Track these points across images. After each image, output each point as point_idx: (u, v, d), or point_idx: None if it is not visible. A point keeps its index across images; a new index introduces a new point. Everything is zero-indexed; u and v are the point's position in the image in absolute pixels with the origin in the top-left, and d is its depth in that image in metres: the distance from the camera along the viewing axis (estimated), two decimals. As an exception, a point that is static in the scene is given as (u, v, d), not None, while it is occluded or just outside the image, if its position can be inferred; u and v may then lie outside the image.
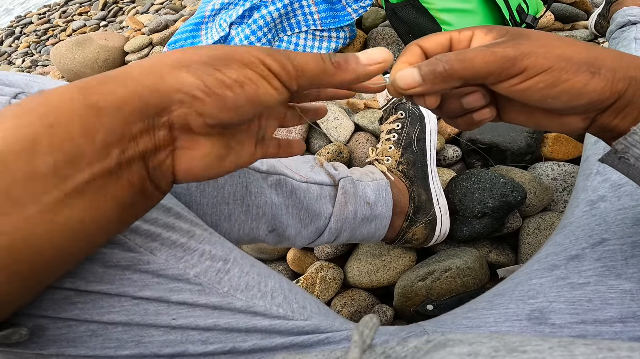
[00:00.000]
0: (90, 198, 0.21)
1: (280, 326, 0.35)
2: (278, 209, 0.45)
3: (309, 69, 0.25)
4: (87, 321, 0.27)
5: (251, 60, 0.24)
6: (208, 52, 0.24)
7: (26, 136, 0.19)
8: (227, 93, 0.23)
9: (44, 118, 0.20)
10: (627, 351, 0.17)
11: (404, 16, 0.83)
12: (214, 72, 0.23)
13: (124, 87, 0.22)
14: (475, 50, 0.26)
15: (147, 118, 0.22)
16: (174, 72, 0.23)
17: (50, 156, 0.19)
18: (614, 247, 0.36)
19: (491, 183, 0.58)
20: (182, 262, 0.31)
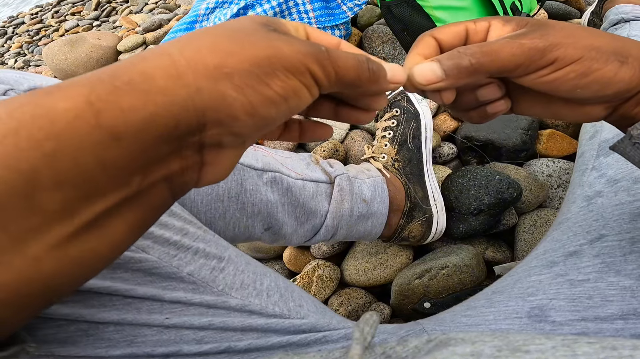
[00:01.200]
0: (104, 229, 0.18)
1: (276, 325, 0.34)
2: (274, 207, 0.45)
3: (349, 76, 0.22)
4: (77, 321, 0.27)
5: (298, 68, 0.20)
6: (251, 54, 0.19)
7: (22, 171, 0.15)
8: (271, 112, 0.20)
9: (43, 146, 0.16)
10: (630, 349, 0.16)
11: (399, 14, 0.83)
12: (259, 85, 0.19)
13: (147, 102, 0.17)
14: (501, 42, 0.25)
15: (176, 140, 0.19)
16: (213, 84, 0.19)
17: (55, 192, 0.16)
18: (613, 243, 0.36)
19: (487, 180, 0.58)
20: (175, 260, 0.31)
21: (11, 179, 0.15)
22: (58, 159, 0.16)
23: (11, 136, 0.15)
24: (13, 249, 0.16)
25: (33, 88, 0.32)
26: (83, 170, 0.16)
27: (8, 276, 0.16)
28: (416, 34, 0.85)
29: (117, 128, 0.17)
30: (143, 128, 0.17)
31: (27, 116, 0.16)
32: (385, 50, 0.91)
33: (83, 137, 0.16)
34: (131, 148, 0.17)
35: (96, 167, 0.17)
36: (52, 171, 0.16)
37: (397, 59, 0.91)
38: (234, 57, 0.19)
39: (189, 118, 0.18)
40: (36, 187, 0.16)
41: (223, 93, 0.19)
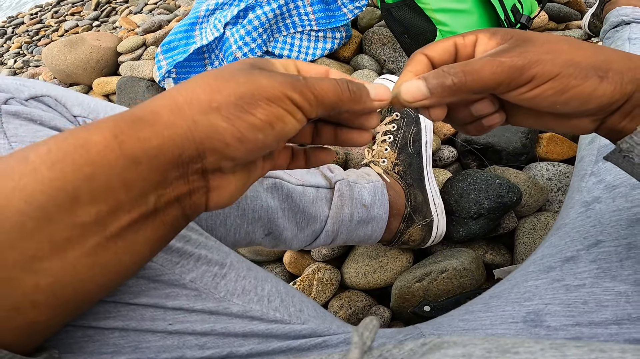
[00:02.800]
0: (128, 240, 0.22)
1: (277, 331, 0.35)
2: (274, 213, 0.45)
3: (328, 98, 0.25)
4: (83, 327, 0.27)
5: (277, 96, 0.23)
6: (235, 91, 0.23)
7: (67, 189, 0.20)
8: (258, 137, 0.23)
9: (82, 170, 0.20)
10: (619, 352, 0.17)
11: (399, 16, 0.83)
12: (244, 115, 0.23)
13: (157, 134, 0.22)
14: (482, 61, 0.26)
15: (182, 166, 0.23)
16: (205, 117, 0.22)
17: (91, 207, 0.20)
18: (609, 249, 0.36)
19: (487, 183, 0.58)
20: (178, 267, 0.31)
21: (60, 198, 0.19)
22: (93, 180, 0.20)
23: (59, 163, 0.20)
24: (54, 256, 0.20)
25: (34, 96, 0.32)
26: (111, 189, 0.21)
27: (47, 280, 0.20)
28: (416, 36, 0.85)
29: (136, 155, 0.21)
30: (155, 154, 0.22)
31: (71, 147, 0.20)
32: (385, 52, 0.92)
33: (111, 162, 0.21)
34: (147, 172, 0.22)
35: (121, 187, 0.21)
36: (89, 190, 0.20)
37: (397, 61, 0.91)
38: (221, 93, 0.23)
39: (189, 147, 0.23)
40: (77, 203, 0.20)
41: (214, 124, 0.23)
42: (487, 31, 0.29)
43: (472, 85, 0.26)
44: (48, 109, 0.32)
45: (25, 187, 0.19)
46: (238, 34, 0.87)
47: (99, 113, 0.36)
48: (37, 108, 0.31)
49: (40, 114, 0.31)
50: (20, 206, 0.19)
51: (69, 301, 0.22)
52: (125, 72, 1.10)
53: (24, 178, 0.19)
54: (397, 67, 0.91)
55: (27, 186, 0.19)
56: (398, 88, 0.28)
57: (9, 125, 0.29)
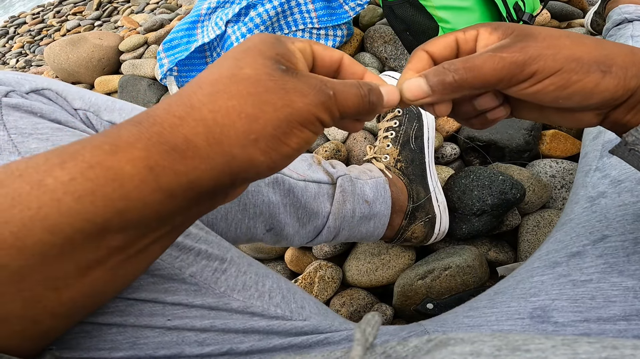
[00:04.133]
0: (148, 254, 0.23)
1: (278, 327, 0.34)
2: (275, 208, 0.45)
3: (350, 112, 0.25)
4: (81, 322, 0.27)
5: (310, 120, 0.23)
6: (272, 117, 0.22)
7: (97, 223, 0.19)
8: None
9: (115, 205, 0.19)
10: (631, 349, 0.16)
11: (401, 14, 0.83)
12: (280, 146, 0.22)
13: (195, 168, 0.21)
14: (483, 57, 0.26)
15: (214, 193, 0.23)
16: (244, 152, 0.22)
17: (121, 235, 0.20)
18: (616, 244, 0.35)
19: (490, 180, 0.58)
20: (177, 261, 0.31)
21: (87, 229, 0.19)
22: (127, 213, 0.20)
23: (88, 196, 0.19)
24: (79, 275, 0.20)
25: (35, 90, 0.32)
26: (145, 219, 0.21)
27: (69, 294, 0.20)
28: (418, 33, 0.84)
29: (173, 189, 0.21)
30: (191, 187, 0.21)
31: (101, 178, 0.19)
32: (387, 50, 0.91)
33: (147, 197, 0.20)
34: (181, 203, 0.22)
35: (154, 218, 0.21)
36: (121, 221, 0.20)
37: (399, 58, 0.91)
38: (258, 122, 0.22)
39: (224, 180, 0.22)
40: (106, 232, 0.20)
41: (252, 158, 0.22)
42: (488, 26, 0.29)
43: (472, 82, 0.26)
44: (49, 102, 0.32)
45: (47, 217, 0.18)
46: (240, 31, 0.86)
47: (99, 107, 0.35)
48: (37, 101, 0.31)
49: (40, 107, 0.30)
50: (42, 236, 0.18)
51: (86, 310, 0.22)
52: (127, 71, 1.10)
53: (44, 207, 0.18)
54: (399, 64, 0.90)
55: (50, 217, 0.18)
56: (400, 86, 0.28)
57: (9, 117, 0.29)
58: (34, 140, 0.29)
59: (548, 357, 0.16)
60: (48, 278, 0.19)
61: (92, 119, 0.35)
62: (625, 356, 0.16)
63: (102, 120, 0.35)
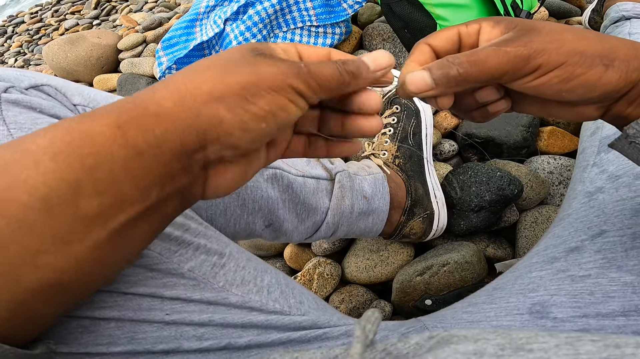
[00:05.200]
0: (131, 234, 0.22)
1: (276, 322, 0.34)
2: (274, 203, 0.45)
3: (329, 83, 0.25)
4: (78, 317, 0.27)
5: (280, 86, 0.23)
6: (238, 80, 0.23)
7: (69, 181, 0.19)
8: (262, 126, 0.23)
9: (85, 161, 0.20)
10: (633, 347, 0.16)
11: (399, 11, 0.83)
12: (247, 104, 0.23)
13: (160, 125, 0.22)
14: (487, 51, 0.26)
15: (184, 157, 0.23)
16: (208, 108, 0.22)
17: (94, 199, 0.20)
18: (614, 239, 0.35)
19: (488, 176, 0.58)
20: (176, 256, 0.31)
21: (62, 189, 0.19)
22: (97, 171, 0.20)
23: (62, 154, 0.20)
24: (58, 251, 0.19)
25: (34, 86, 0.32)
26: (115, 180, 0.20)
27: (51, 275, 0.19)
28: (417, 31, 0.84)
29: (139, 146, 0.21)
30: (158, 145, 0.21)
31: (74, 138, 0.20)
32: (385, 48, 0.91)
33: (115, 152, 0.20)
34: (150, 163, 0.21)
35: (125, 178, 0.21)
36: (92, 181, 0.20)
37: (397, 56, 0.91)
38: (224, 83, 0.23)
39: (192, 138, 0.22)
40: (80, 195, 0.19)
41: (218, 115, 0.22)
42: (490, 20, 0.29)
43: (477, 75, 0.26)
44: (48, 98, 0.32)
45: (27, 180, 0.19)
46: (238, 29, 0.86)
47: (98, 103, 0.35)
48: (37, 97, 0.31)
49: (40, 102, 0.31)
50: (23, 198, 0.18)
51: (73, 295, 0.22)
52: (126, 69, 1.10)
53: (25, 170, 0.19)
54: (397, 62, 0.91)
55: (30, 179, 0.19)
56: (403, 78, 0.28)
57: (9, 112, 0.29)
58: None
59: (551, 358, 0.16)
60: (28, 252, 0.19)
61: None
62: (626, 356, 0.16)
63: None
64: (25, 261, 0.19)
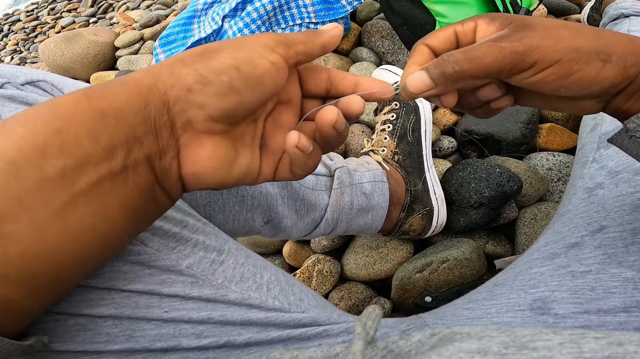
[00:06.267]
0: (98, 201, 0.21)
1: (276, 319, 0.34)
2: (273, 199, 0.45)
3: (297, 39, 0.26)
4: (75, 315, 0.26)
5: (244, 43, 0.24)
6: (204, 46, 0.24)
7: (36, 142, 0.20)
8: (222, 78, 0.23)
9: (52, 123, 0.20)
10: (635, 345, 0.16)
11: (398, 8, 0.82)
12: (206, 60, 0.23)
13: (125, 89, 0.23)
14: (483, 47, 0.26)
15: (149, 119, 0.23)
16: (169, 68, 0.23)
17: (59, 159, 0.20)
18: (614, 234, 0.35)
19: (487, 173, 0.58)
20: (174, 253, 0.31)
21: (29, 152, 0.19)
22: (62, 133, 0.20)
23: (31, 120, 0.20)
24: (22, 216, 0.19)
25: (30, 82, 0.32)
26: (79, 140, 0.21)
27: (17, 248, 0.19)
28: (416, 28, 0.84)
29: (104, 108, 0.22)
30: (122, 107, 0.22)
31: (44, 106, 0.21)
32: (384, 45, 0.91)
33: (79, 114, 0.21)
34: (114, 124, 0.22)
35: (88, 138, 0.21)
36: (57, 143, 0.20)
37: (396, 53, 0.90)
38: (191, 50, 0.24)
39: (154, 98, 0.23)
40: (45, 156, 0.20)
41: (177, 72, 0.23)
42: (485, 16, 0.29)
43: (473, 72, 0.26)
44: (44, 93, 0.32)
45: (1, 147, 0.19)
46: (237, 26, 0.86)
47: None
48: (33, 93, 0.31)
49: (36, 98, 0.30)
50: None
51: (43, 275, 0.20)
52: (123, 67, 1.09)
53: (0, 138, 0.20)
54: (396, 59, 0.90)
55: (1, 146, 0.19)
56: (404, 82, 0.28)
57: (5, 108, 0.29)
58: None
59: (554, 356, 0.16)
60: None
61: None
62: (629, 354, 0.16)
63: None
64: None
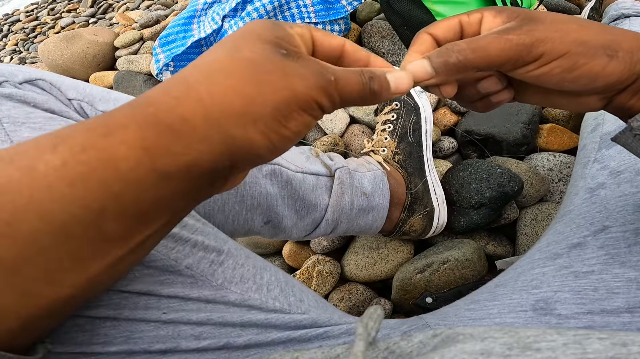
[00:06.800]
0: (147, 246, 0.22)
1: (276, 320, 0.34)
2: (273, 199, 0.44)
3: (352, 99, 0.24)
4: (73, 316, 0.26)
5: (309, 104, 0.22)
6: (271, 98, 0.21)
7: (92, 208, 0.18)
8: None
9: (111, 189, 0.19)
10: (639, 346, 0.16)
11: (398, 8, 0.82)
12: (279, 127, 0.22)
13: (192, 149, 0.20)
14: (488, 38, 0.25)
15: (213, 177, 0.22)
16: (243, 132, 0.21)
17: (117, 223, 0.19)
18: (617, 234, 0.35)
19: (488, 173, 0.58)
20: (173, 253, 0.30)
21: (82, 215, 0.18)
22: (123, 197, 0.19)
23: (81, 181, 0.18)
24: (76, 270, 0.19)
25: (28, 80, 0.31)
26: (141, 206, 0.20)
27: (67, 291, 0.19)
28: (416, 28, 0.84)
29: (169, 171, 0.20)
30: (188, 169, 0.20)
31: (94, 161, 0.19)
32: (384, 45, 0.91)
33: (142, 179, 0.19)
34: (178, 186, 0.21)
35: (152, 202, 0.20)
36: (117, 206, 0.19)
37: (396, 53, 0.90)
38: (257, 102, 0.21)
39: (224, 162, 0.21)
40: (103, 220, 0.19)
41: (251, 140, 0.21)
42: (492, 9, 0.28)
43: (477, 62, 0.26)
44: (42, 92, 0.32)
45: (41, 205, 0.18)
46: (237, 26, 0.86)
47: (94, 97, 0.35)
48: (31, 91, 0.31)
49: (34, 96, 0.30)
50: (36, 224, 0.18)
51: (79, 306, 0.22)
52: (123, 67, 1.09)
53: (36, 194, 0.18)
54: (397, 59, 0.90)
55: (43, 204, 0.18)
56: (403, 68, 0.27)
57: (2, 106, 0.29)
58: (26, 129, 0.28)
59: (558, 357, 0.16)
60: (43, 271, 0.18)
61: (86, 109, 0.34)
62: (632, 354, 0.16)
63: (97, 110, 0.35)
64: (42, 278, 0.18)
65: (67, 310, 0.21)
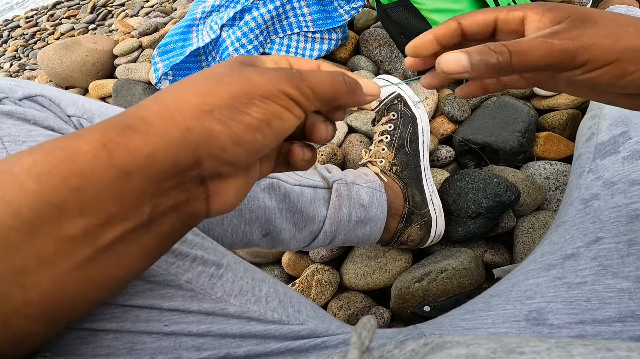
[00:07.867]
0: (120, 253, 0.21)
1: (275, 331, 0.34)
2: (271, 213, 0.45)
3: (325, 91, 0.24)
4: (76, 329, 0.27)
5: (272, 92, 0.22)
6: (228, 91, 0.22)
7: (53, 201, 0.19)
8: (257, 137, 0.22)
9: (69, 182, 0.19)
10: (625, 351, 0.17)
11: (396, 17, 0.83)
12: (239, 115, 0.21)
13: (148, 143, 0.20)
14: (532, 42, 0.25)
15: (178, 174, 0.21)
16: (199, 122, 0.21)
17: (80, 219, 0.19)
18: (610, 245, 0.36)
19: (485, 183, 0.58)
20: (173, 268, 0.31)
21: (46, 211, 0.19)
22: (81, 192, 0.19)
23: (45, 175, 0.19)
24: (42, 270, 0.19)
25: (28, 96, 0.32)
26: (101, 201, 0.20)
27: (37, 293, 0.19)
28: (413, 36, 0.85)
29: (127, 166, 0.20)
30: (148, 164, 0.20)
31: (57, 158, 0.19)
32: (382, 53, 0.92)
33: (101, 174, 0.19)
34: (139, 183, 0.20)
35: (112, 199, 0.20)
36: (77, 202, 0.19)
37: (393, 61, 0.91)
38: (213, 95, 0.22)
39: (185, 155, 0.21)
40: (64, 216, 0.19)
41: (209, 129, 0.21)
42: (539, 7, 0.27)
43: (517, 66, 0.25)
44: (42, 109, 0.32)
45: (11, 202, 0.18)
46: (235, 35, 0.87)
47: (93, 114, 0.35)
48: (31, 108, 0.31)
49: (34, 114, 0.30)
50: (5, 221, 0.18)
51: (62, 316, 0.21)
52: (122, 75, 1.10)
53: (8, 192, 0.18)
54: (394, 67, 0.91)
55: (13, 201, 0.18)
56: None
57: (3, 125, 0.29)
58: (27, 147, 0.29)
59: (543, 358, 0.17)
60: (11, 271, 0.18)
61: (85, 126, 0.35)
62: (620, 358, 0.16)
63: None
64: (10, 279, 0.18)
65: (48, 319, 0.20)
